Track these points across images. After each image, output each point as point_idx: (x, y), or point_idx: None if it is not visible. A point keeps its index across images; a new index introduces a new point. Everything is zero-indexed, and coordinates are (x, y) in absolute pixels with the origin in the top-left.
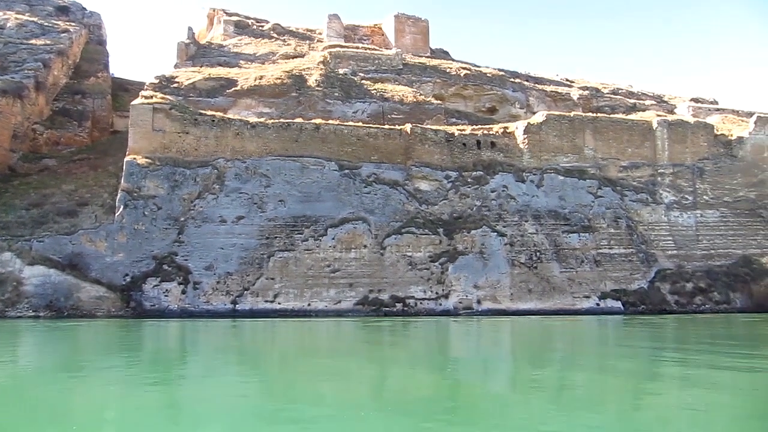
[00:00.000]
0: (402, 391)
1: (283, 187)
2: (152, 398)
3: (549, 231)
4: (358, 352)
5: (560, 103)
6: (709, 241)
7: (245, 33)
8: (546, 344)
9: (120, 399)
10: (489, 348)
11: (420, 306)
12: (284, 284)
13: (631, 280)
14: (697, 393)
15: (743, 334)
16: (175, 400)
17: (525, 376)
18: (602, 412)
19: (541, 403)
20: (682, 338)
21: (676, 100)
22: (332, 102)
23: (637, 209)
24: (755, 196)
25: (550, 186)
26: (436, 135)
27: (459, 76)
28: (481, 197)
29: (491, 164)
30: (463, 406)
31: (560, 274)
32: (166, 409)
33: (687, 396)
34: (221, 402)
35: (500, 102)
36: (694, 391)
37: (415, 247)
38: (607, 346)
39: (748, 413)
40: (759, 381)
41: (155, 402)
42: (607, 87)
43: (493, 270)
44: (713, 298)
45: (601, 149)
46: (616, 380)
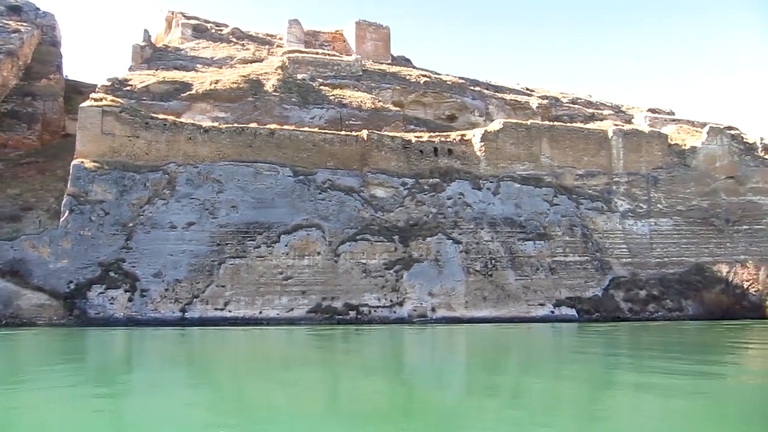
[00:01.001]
0: (356, 400)
1: (235, 193)
2: (96, 412)
3: (505, 238)
4: (312, 361)
5: (520, 111)
6: (662, 249)
7: (204, 37)
8: (501, 352)
9: (62, 413)
10: (444, 356)
11: (374, 314)
12: (235, 292)
13: (586, 287)
14: (651, 399)
15: (695, 341)
16: (120, 414)
17: (480, 383)
18: (558, 418)
19: (496, 411)
20: (635, 345)
21: (633, 110)
22: (289, 107)
23: (592, 217)
24: (708, 204)
25: (507, 193)
26: (393, 142)
27: (419, 83)
28: (438, 204)
29: (448, 171)
30: (418, 415)
31: (515, 282)
32: (111, 424)
33: (642, 402)
34: (169, 415)
35: (460, 110)
36: (649, 397)
37: (370, 255)
38: (562, 353)
39: (702, 418)
40: (712, 387)
41: (99, 416)
42: (566, 96)
43: (448, 277)
44: (666, 306)
45: (557, 157)
46: (572, 387)
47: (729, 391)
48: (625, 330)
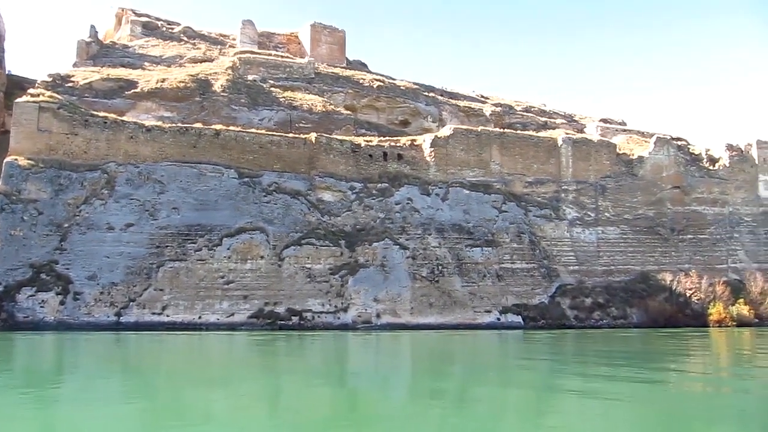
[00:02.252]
0: (298, 408)
1: (177, 194)
2: (22, 422)
3: (452, 245)
4: (253, 368)
5: (473, 118)
6: (609, 257)
7: (153, 34)
8: (446, 359)
9: None
10: (389, 362)
11: (317, 319)
12: (174, 296)
13: (533, 294)
14: (596, 406)
15: (639, 348)
16: (45, 426)
17: (425, 390)
18: (503, 425)
19: (441, 418)
20: (581, 353)
21: (586, 119)
22: (238, 108)
23: (540, 225)
24: (654, 213)
25: (455, 200)
26: (341, 145)
27: (372, 87)
28: (385, 209)
29: (397, 176)
30: (361, 423)
31: (462, 288)
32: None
33: (587, 409)
34: (101, 425)
35: (413, 115)
36: (594, 403)
37: (315, 259)
38: (508, 360)
39: (645, 425)
40: (656, 394)
41: (26, 427)
42: (520, 104)
43: (394, 283)
44: (611, 314)
45: (507, 164)
46: (517, 394)
47: (672, 398)
48: (571, 337)
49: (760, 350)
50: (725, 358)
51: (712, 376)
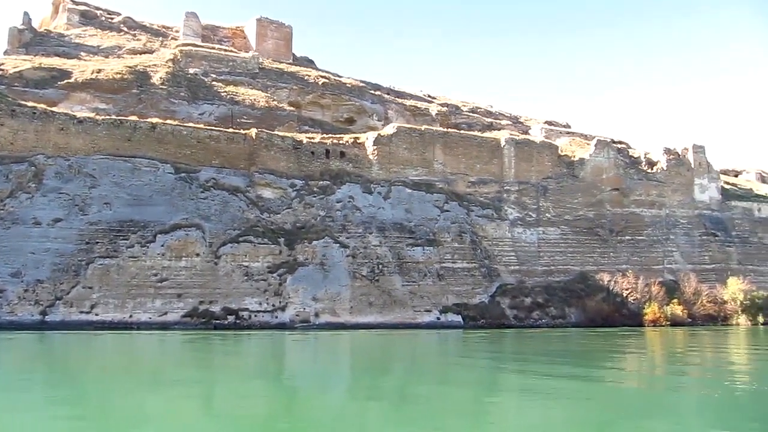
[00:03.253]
0: (234, 411)
1: (110, 189)
2: None
3: (393, 243)
4: (186, 368)
5: (419, 117)
6: (549, 258)
7: (92, 24)
8: (386, 358)
9: None
10: (328, 362)
11: (254, 318)
12: (104, 294)
13: (473, 294)
14: (536, 401)
15: (577, 347)
16: None
17: (364, 390)
18: (443, 422)
19: (380, 418)
20: (520, 351)
21: (531, 121)
22: (177, 102)
23: (482, 224)
24: (593, 215)
25: (398, 198)
26: (283, 141)
27: (317, 84)
28: (326, 207)
29: (339, 174)
30: (299, 424)
31: (402, 288)
32: None
33: (526, 405)
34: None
35: (358, 113)
36: (534, 399)
37: (253, 257)
38: (448, 358)
39: (584, 420)
40: (593, 390)
41: None
42: (467, 105)
43: (334, 282)
44: (550, 313)
45: (450, 164)
46: (457, 391)
47: (608, 394)
48: (510, 337)
49: (691, 349)
50: (659, 356)
51: (647, 373)
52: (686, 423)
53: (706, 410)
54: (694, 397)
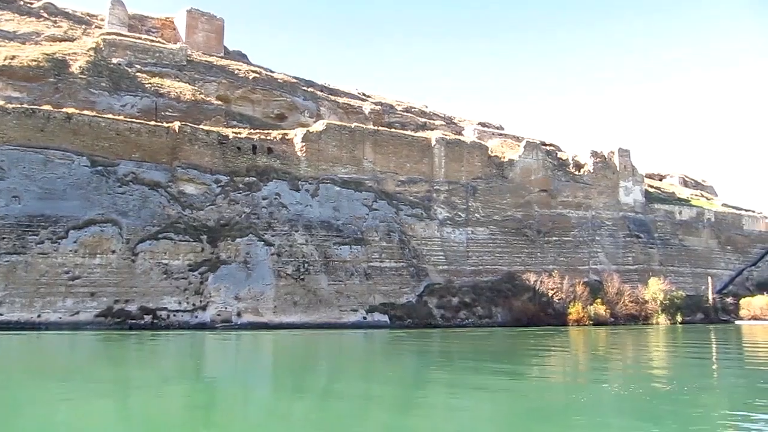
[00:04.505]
0: (151, 409)
1: (19, 182)
2: None
3: (320, 242)
4: (98, 369)
5: (352, 115)
6: (478, 258)
7: (9, 8)
8: (311, 357)
9: None
10: (251, 362)
11: (173, 318)
12: (9, 292)
13: (400, 293)
14: (461, 399)
15: (502, 346)
16: None
17: (289, 389)
18: (370, 416)
19: (306, 416)
20: (446, 350)
21: (465, 122)
22: (97, 92)
23: (411, 224)
24: (522, 215)
25: (326, 196)
26: (208, 136)
27: (248, 78)
28: (252, 204)
29: (266, 170)
30: (219, 424)
31: (328, 287)
32: None
33: (452, 403)
34: None
35: (290, 109)
36: (459, 397)
37: (173, 255)
38: (374, 357)
39: (509, 414)
40: (518, 386)
41: None
42: (401, 104)
43: (257, 281)
44: (477, 313)
45: (380, 162)
46: (384, 388)
47: (534, 389)
48: (437, 336)
49: (612, 348)
50: (582, 355)
51: (570, 370)
52: (607, 417)
53: (626, 405)
54: (615, 393)
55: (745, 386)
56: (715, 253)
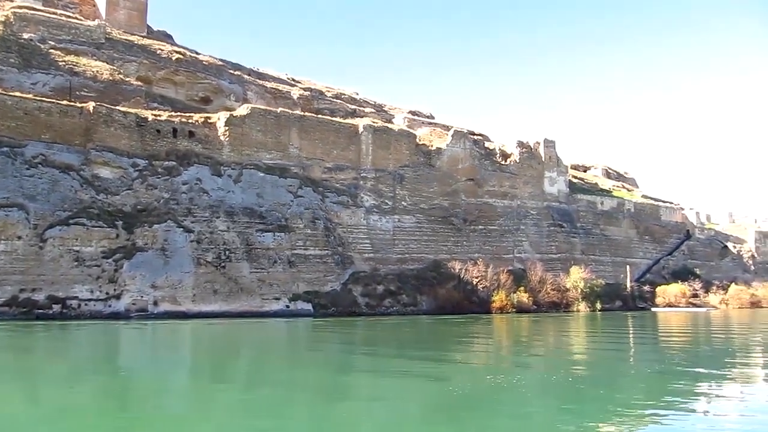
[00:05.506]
0: (58, 410)
1: None
2: None
3: (242, 229)
4: (3, 364)
5: (280, 100)
6: (404, 246)
7: None
8: (232, 346)
9: None
10: (168, 352)
11: (84, 308)
12: None
13: (325, 282)
14: (387, 381)
15: (426, 333)
16: None
17: (204, 392)
18: (295, 401)
19: (225, 417)
20: (371, 337)
21: (395, 110)
22: (6, 69)
23: (337, 211)
24: (448, 204)
25: (249, 182)
26: (125, 118)
27: (170, 59)
28: (171, 189)
29: (187, 155)
30: (135, 425)
31: (250, 275)
32: None
33: (378, 391)
34: None
35: (215, 93)
36: (385, 385)
37: (85, 241)
38: (297, 345)
39: (435, 397)
40: (443, 372)
41: None
42: (331, 90)
43: (175, 269)
44: (402, 301)
45: (306, 149)
46: (308, 374)
47: (458, 373)
48: (362, 324)
49: (536, 334)
50: (505, 341)
51: (493, 355)
52: (531, 401)
53: (549, 390)
54: (537, 378)
55: (660, 371)
56: (634, 242)
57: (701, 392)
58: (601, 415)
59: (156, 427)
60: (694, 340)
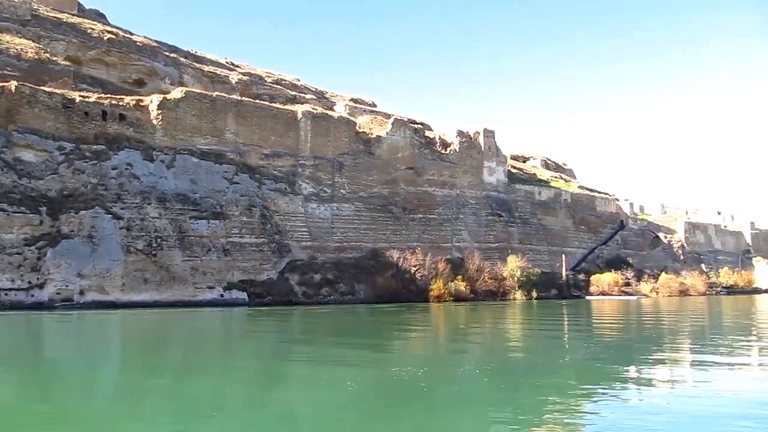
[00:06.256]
0: None
1: None
2: None
3: (175, 216)
4: None
5: (218, 85)
6: (342, 234)
7: None
8: (163, 337)
9: None
10: (94, 343)
11: (4, 298)
12: None
13: (261, 270)
14: (324, 368)
15: (363, 322)
16: None
17: (135, 382)
18: (230, 389)
19: (155, 413)
20: (308, 326)
21: (337, 98)
22: None
23: (274, 198)
24: (388, 192)
25: (183, 168)
26: (51, 99)
27: (102, 39)
28: (100, 174)
29: (117, 138)
30: (58, 422)
31: (183, 263)
32: None
33: (314, 379)
34: None
35: (149, 75)
36: (322, 368)
37: (6, 228)
38: (231, 335)
39: (373, 386)
40: (381, 359)
41: None
42: (271, 76)
43: (104, 257)
44: (339, 290)
45: (243, 134)
46: (244, 363)
47: (394, 362)
48: (299, 314)
49: (472, 323)
50: (442, 329)
51: (431, 344)
52: (468, 387)
53: (485, 376)
54: (475, 365)
55: (593, 358)
56: (570, 232)
57: (632, 378)
58: (536, 401)
59: (80, 419)
60: (625, 328)
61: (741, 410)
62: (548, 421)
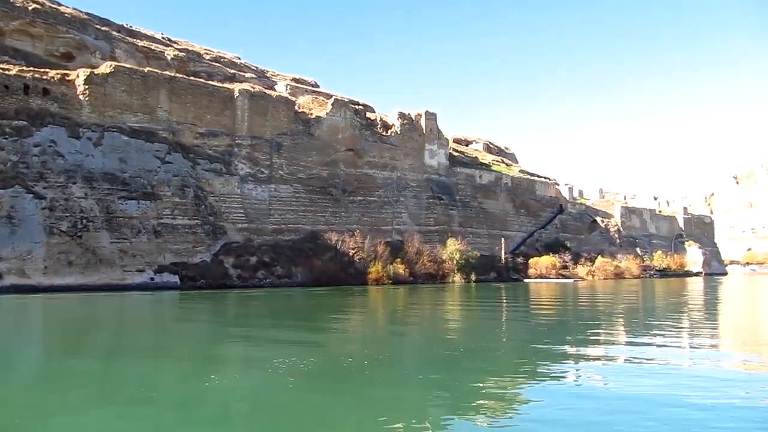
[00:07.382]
0: None
1: None
2: None
3: (102, 196)
4: None
5: (153, 61)
6: (280, 216)
7: None
8: (89, 322)
9: None
10: (14, 329)
11: None
12: None
13: (194, 252)
14: (258, 349)
15: (298, 304)
16: None
17: (60, 370)
18: (161, 373)
19: (83, 402)
20: (243, 309)
21: (278, 77)
22: None
23: (209, 179)
24: (327, 174)
25: (111, 146)
26: None
27: (26, 9)
28: (21, 152)
29: (40, 114)
30: None
31: (110, 246)
32: None
33: (250, 365)
34: None
35: (78, 48)
36: (253, 349)
37: None
38: (161, 319)
39: (311, 370)
40: (320, 340)
41: None
42: (210, 53)
43: (24, 239)
44: (276, 273)
45: (176, 112)
46: (175, 347)
47: (332, 343)
48: (234, 297)
49: (411, 305)
50: (380, 312)
51: (369, 326)
52: (406, 369)
53: (424, 359)
54: (412, 348)
55: (530, 340)
56: (510, 215)
57: (569, 358)
58: (474, 384)
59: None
60: (561, 311)
61: (673, 385)
62: (487, 401)
